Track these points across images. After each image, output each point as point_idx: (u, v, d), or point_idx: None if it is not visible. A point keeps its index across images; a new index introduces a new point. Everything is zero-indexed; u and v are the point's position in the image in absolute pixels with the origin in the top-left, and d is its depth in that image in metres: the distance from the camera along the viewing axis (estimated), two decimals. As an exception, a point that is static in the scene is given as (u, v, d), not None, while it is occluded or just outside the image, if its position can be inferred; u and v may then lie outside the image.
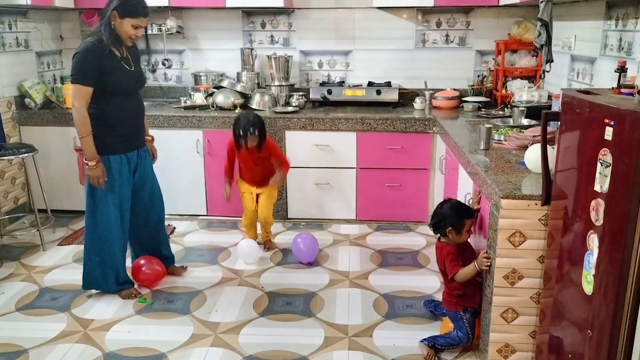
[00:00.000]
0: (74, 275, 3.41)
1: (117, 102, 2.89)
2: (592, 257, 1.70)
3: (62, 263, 3.62)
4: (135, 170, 3.09)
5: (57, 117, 4.22)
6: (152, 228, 3.29)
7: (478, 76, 4.57)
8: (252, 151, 3.55)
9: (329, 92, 4.37)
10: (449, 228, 2.56)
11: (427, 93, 4.43)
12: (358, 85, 4.52)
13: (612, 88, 1.91)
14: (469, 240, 2.63)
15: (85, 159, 2.86)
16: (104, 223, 3.01)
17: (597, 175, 1.65)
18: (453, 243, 2.59)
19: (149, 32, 4.52)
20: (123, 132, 2.97)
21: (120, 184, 2.99)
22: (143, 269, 3.24)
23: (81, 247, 3.80)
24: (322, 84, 4.64)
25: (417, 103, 4.29)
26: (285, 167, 3.75)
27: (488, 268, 2.35)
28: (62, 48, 4.80)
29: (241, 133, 3.47)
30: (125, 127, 2.97)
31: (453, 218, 2.55)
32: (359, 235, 4.04)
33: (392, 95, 4.34)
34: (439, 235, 2.66)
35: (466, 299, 2.58)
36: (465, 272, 2.48)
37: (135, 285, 3.22)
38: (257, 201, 3.77)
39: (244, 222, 3.86)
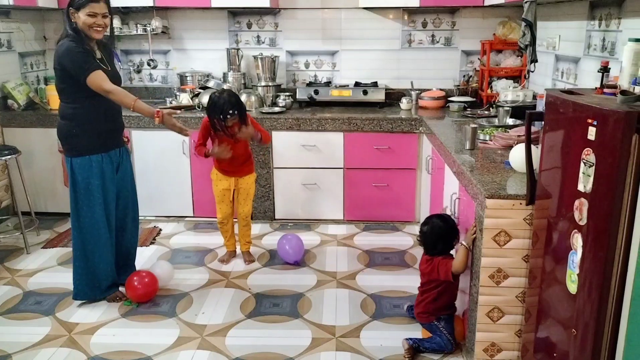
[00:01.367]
0: (59, 278, 3.38)
1: (96, 102, 2.86)
2: (576, 257, 1.71)
3: (46, 266, 3.58)
4: (118, 169, 3.07)
5: (41, 118, 4.17)
6: (128, 230, 3.25)
7: (464, 76, 4.59)
8: (232, 131, 3.23)
9: (316, 92, 4.37)
10: (440, 247, 2.61)
11: (413, 93, 4.44)
12: (345, 86, 4.52)
13: (595, 88, 1.93)
14: None
15: (154, 116, 2.77)
16: (90, 226, 2.98)
17: (581, 175, 1.66)
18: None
19: (134, 32, 4.49)
20: (102, 130, 2.94)
21: (103, 184, 2.97)
22: (135, 283, 3.10)
23: (66, 250, 3.79)
24: (309, 84, 4.64)
25: (404, 103, 4.30)
26: (265, 134, 3.42)
27: (474, 238, 2.33)
28: (45, 49, 4.75)
29: (221, 117, 3.12)
30: (104, 126, 2.95)
31: (439, 235, 2.60)
32: (346, 236, 4.04)
33: (379, 96, 4.34)
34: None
35: (438, 310, 2.63)
36: (459, 257, 2.44)
37: (121, 288, 3.18)
38: (232, 199, 3.52)
39: (218, 219, 3.55)
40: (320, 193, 4.20)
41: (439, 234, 2.59)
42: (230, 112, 3.13)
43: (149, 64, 4.69)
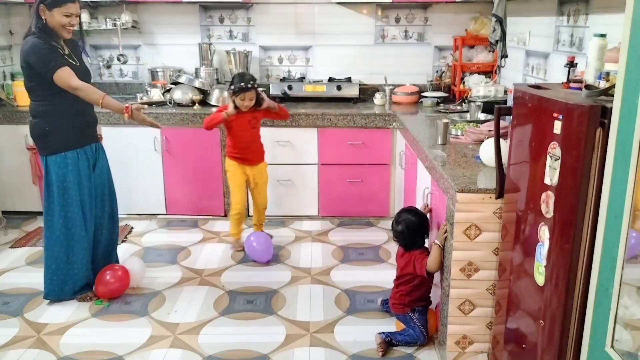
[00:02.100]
0: (27, 278, 3.31)
1: (66, 98, 2.80)
2: (543, 249, 1.73)
3: (14, 266, 3.49)
4: (95, 166, 3.02)
5: (7, 115, 4.07)
6: (106, 228, 3.19)
7: (437, 72, 4.62)
8: (246, 113, 3.47)
9: (290, 87, 4.34)
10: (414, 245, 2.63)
11: (387, 88, 4.45)
12: (318, 81, 4.51)
13: (562, 83, 1.95)
14: None
15: (123, 111, 2.78)
16: (64, 225, 2.92)
17: (547, 168, 1.68)
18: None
19: (103, 27, 4.41)
20: (76, 125, 2.89)
21: (79, 181, 2.91)
22: (107, 278, 3.07)
23: (34, 250, 3.71)
24: (283, 79, 4.61)
25: (377, 98, 4.31)
26: (283, 109, 3.67)
27: (445, 236, 2.36)
28: (11, 44, 4.62)
29: (241, 87, 3.36)
30: (77, 121, 2.90)
31: (413, 231, 2.61)
32: (321, 232, 4.04)
33: (353, 91, 4.34)
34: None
35: (413, 302, 2.65)
36: (433, 257, 2.44)
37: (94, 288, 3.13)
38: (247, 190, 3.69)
39: (235, 211, 3.65)
40: (294, 189, 4.19)
41: (414, 229, 2.61)
42: (251, 82, 3.40)
43: (119, 59, 4.60)
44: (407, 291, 2.64)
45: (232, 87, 3.42)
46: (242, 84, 3.37)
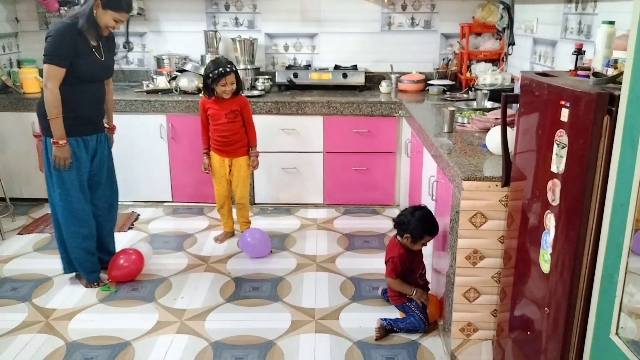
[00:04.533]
0: (35, 264, 3.34)
1: (78, 88, 2.84)
2: (549, 236, 1.74)
3: (22, 252, 3.53)
4: (95, 156, 3.03)
5: (14, 102, 4.08)
6: (104, 217, 3.20)
7: (443, 59, 4.59)
8: (226, 102, 3.39)
9: (295, 75, 4.33)
10: (407, 235, 2.63)
11: (393, 76, 4.43)
12: (324, 69, 4.50)
13: (570, 70, 1.94)
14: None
15: (53, 140, 2.81)
16: (73, 202, 2.95)
17: (554, 156, 1.68)
18: (405, 247, 2.68)
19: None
20: (81, 115, 2.90)
21: (77, 166, 2.93)
22: (121, 262, 3.13)
23: (42, 236, 3.74)
24: (288, 67, 4.60)
25: (383, 86, 4.29)
26: (253, 135, 3.57)
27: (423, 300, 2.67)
28: (17, 31, 4.63)
29: (220, 72, 3.27)
30: (83, 112, 2.91)
31: (416, 230, 2.61)
32: (326, 219, 4.05)
33: (359, 79, 4.33)
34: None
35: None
36: (398, 286, 2.69)
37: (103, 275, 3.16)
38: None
39: (218, 205, 3.68)
40: (300, 177, 4.19)
41: (408, 221, 2.64)
42: (228, 67, 3.31)
43: (125, 47, 4.61)
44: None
45: (210, 75, 3.30)
46: (220, 68, 3.28)
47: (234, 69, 3.35)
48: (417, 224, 2.60)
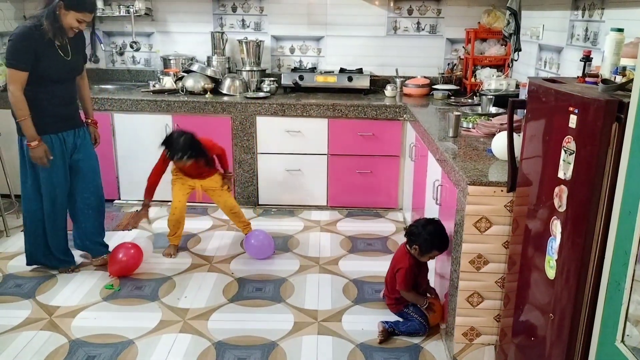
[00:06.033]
0: (39, 261, 3.35)
1: (47, 88, 2.88)
2: (555, 243, 1.74)
3: (26, 249, 3.54)
4: (74, 151, 3.07)
5: (20, 99, 4.09)
6: (93, 209, 3.24)
7: (448, 64, 4.60)
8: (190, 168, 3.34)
9: (301, 78, 4.35)
10: (416, 246, 2.64)
11: (398, 80, 4.44)
12: (330, 72, 4.51)
13: (577, 77, 1.95)
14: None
15: (27, 142, 2.87)
16: (34, 198, 3.07)
17: (561, 162, 1.68)
18: (413, 258, 2.69)
19: (116, 13, 4.43)
20: (52, 114, 2.94)
21: (53, 161, 2.96)
22: (120, 256, 3.17)
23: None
24: (294, 69, 4.61)
25: (388, 90, 4.30)
26: (224, 158, 3.51)
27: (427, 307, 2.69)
28: (25, 28, 4.64)
29: (175, 159, 3.24)
30: (54, 111, 2.95)
31: (425, 243, 2.61)
32: (329, 222, 4.05)
33: (364, 82, 4.34)
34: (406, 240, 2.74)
35: (403, 299, 2.74)
36: (412, 298, 2.70)
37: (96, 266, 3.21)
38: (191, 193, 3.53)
39: (170, 215, 3.46)
40: (303, 179, 4.20)
41: (420, 232, 2.64)
42: (184, 158, 3.17)
43: (131, 47, 4.62)
44: (393, 286, 2.74)
45: (168, 151, 3.22)
46: (181, 154, 3.16)
47: (186, 158, 3.17)
48: (428, 237, 2.60)
